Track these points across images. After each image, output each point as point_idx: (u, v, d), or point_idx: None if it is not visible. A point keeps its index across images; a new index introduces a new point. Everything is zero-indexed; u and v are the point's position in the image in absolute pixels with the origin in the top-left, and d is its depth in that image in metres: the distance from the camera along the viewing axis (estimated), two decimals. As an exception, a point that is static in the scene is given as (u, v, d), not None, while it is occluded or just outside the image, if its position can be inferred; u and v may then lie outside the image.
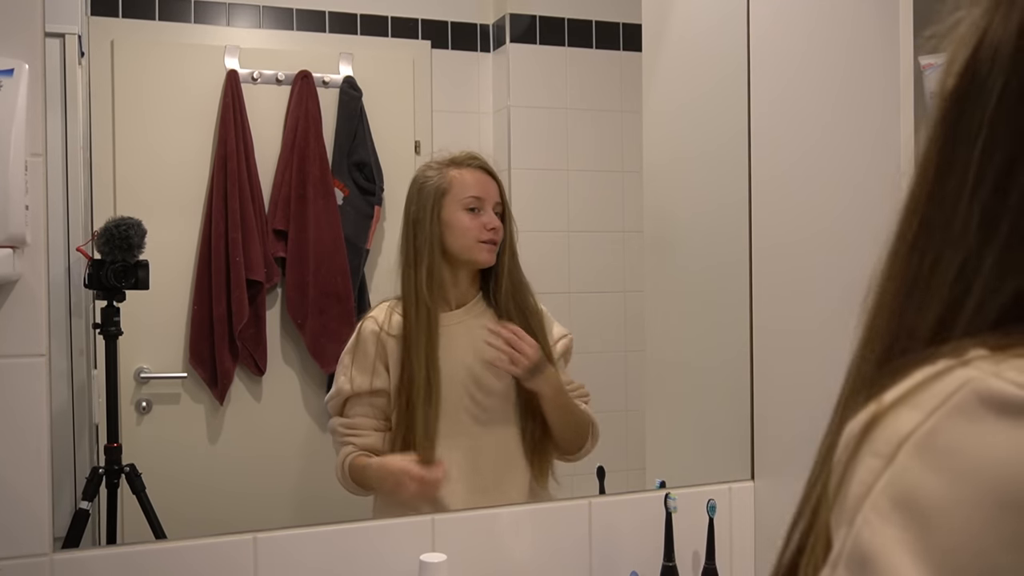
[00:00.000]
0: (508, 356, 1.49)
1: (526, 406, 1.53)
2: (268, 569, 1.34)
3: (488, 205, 1.51)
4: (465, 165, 1.53)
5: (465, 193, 1.50)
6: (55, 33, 1.29)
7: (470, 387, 1.51)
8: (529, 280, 1.56)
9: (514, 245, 1.54)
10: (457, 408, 1.49)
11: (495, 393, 1.52)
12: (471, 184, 1.51)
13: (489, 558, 1.46)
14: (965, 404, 0.44)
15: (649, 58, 1.70)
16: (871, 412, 0.48)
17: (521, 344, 1.49)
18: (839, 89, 1.44)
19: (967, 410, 0.44)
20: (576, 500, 1.54)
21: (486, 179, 1.53)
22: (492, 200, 1.52)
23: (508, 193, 1.57)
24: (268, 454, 1.50)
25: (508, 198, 1.55)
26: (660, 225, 1.72)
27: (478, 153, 1.54)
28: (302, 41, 1.52)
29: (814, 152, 1.50)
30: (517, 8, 1.65)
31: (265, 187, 1.50)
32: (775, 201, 1.61)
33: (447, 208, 1.50)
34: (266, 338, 1.51)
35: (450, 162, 1.52)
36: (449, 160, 1.53)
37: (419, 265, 1.48)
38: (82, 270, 1.34)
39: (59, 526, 1.27)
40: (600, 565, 1.52)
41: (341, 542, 1.38)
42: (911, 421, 0.45)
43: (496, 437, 1.52)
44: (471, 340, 1.51)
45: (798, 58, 1.54)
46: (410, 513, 1.45)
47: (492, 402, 1.52)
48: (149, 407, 1.44)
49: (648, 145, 1.70)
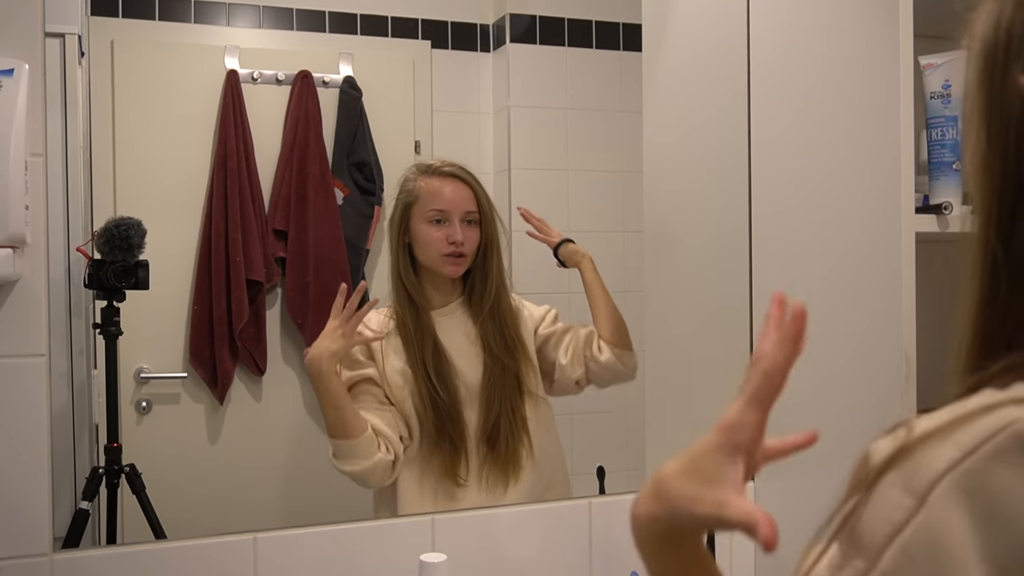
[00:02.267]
0: (542, 235, 1.61)
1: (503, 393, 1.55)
2: (268, 569, 1.34)
3: (455, 216, 1.51)
4: (436, 174, 1.53)
5: (429, 205, 1.51)
6: (55, 33, 1.28)
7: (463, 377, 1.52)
8: (529, 280, 1.56)
9: (494, 250, 1.54)
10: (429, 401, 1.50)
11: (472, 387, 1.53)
12: (436, 196, 1.51)
13: (489, 558, 1.46)
14: (1007, 448, 0.41)
15: (649, 58, 1.70)
16: (901, 440, 0.45)
17: (547, 229, 1.61)
18: (839, 89, 1.44)
19: (1008, 454, 0.41)
20: (576, 500, 1.54)
21: (457, 188, 1.52)
22: (461, 210, 1.51)
23: (508, 193, 1.57)
24: (268, 454, 1.51)
25: (488, 203, 1.54)
26: (660, 225, 1.72)
27: (455, 161, 1.54)
28: (302, 41, 1.52)
29: (814, 152, 1.50)
30: (517, 8, 1.65)
31: (265, 187, 1.50)
32: (775, 201, 1.61)
33: (414, 220, 1.52)
34: (266, 338, 1.51)
35: (425, 170, 1.53)
36: (425, 168, 1.53)
37: (394, 269, 1.52)
38: (82, 270, 1.34)
39: (59, 526, 1.27)
40: (600, 565, 1.52)
41: (341, 542, 1.38)
42: (946, 458, 0.43)
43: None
44: (447, 339, 1.53)
45: (798, 58, 1.54)
46: (410, 513, 1.45)
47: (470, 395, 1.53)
48: (149, 407, 1.44)
49: (648, 145, 1.70)
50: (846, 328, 1.42)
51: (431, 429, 1.48)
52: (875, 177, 1.36)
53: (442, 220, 1.51)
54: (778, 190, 1.60)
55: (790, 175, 1.57)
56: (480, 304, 1.55)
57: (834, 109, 1.45)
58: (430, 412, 1.47)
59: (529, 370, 1.56)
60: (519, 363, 1.55)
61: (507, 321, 1.55)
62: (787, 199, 1.58)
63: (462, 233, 1.51)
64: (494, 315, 1.54)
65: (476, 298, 1.55)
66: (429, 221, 1.51)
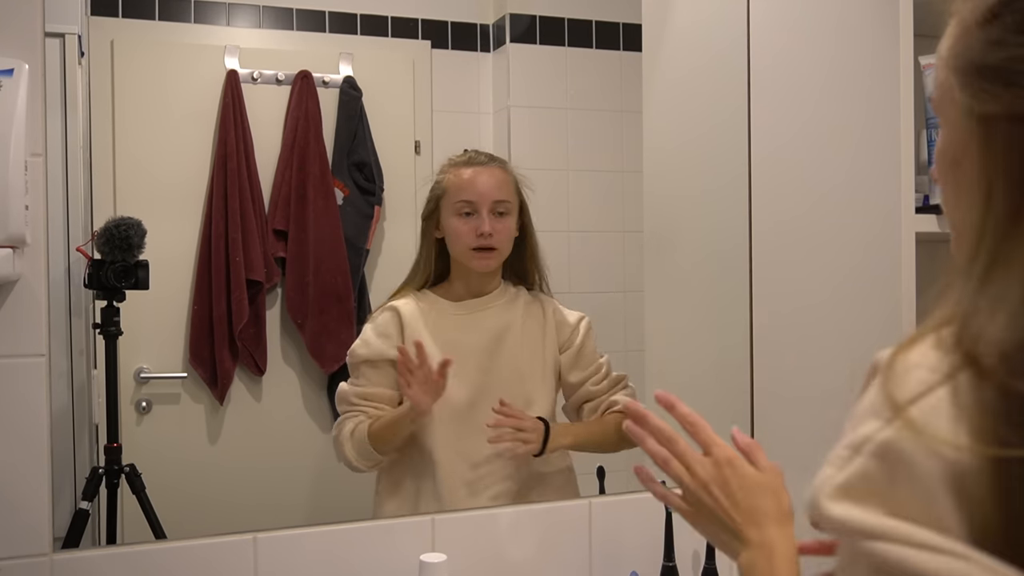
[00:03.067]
0: (516, 442, 1.50)
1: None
2: (268, 569, 1.34)
3: (483, 208, 1.50)
4: (464, 164, 1.52)
5: (457, 197, 1.50)
6: (55, 33, 1.28)
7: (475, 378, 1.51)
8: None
9: (529, 238, 1.56)
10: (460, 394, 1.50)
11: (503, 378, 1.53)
12: (464, 187, 1.50)
13: (489, 558, 1.46)
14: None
15: (649, 58, 1.70)
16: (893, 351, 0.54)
17: (520, 423, 1.50)
18: (839, 88, 1.44)
19: None
20: (576, 500, 1.54)
21: (486, 177, 1.52)
22: (490, 200, 1.50)
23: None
24: (268, 454, 1.50)
25: (526, 192, 1.55)
26: (660, 225, 1.72)
27: (485, 152, 1.54)
28: (302, 41, 1.52)
29: (814, 151, 1.50)
30: (517, 8, 1.65)
31: (265, 187, 1.50)
32: (775, 201, 1.61)
33: (443, 213, 1.51)
34: (266, 338, 1.51)
35: (455, 162, 1.53)
36: (455, 161, 1.53)
37: (422, 264, 1.52)
38: (82, 270, 1.34)
39: (59, 526, 1.27)
40: (600, 565, 1.52)
41: (341, 542, 1.38)
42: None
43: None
44: (482, 325, 1.53)
45: (798, 58, 1.54)
46: (410, 513, 1.45)
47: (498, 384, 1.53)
48: (149, 407, 1.44)
49: (648, 145, 1.70)
50: (846, 327, 1.42)
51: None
52: (875, 177, 1.36)
53: (470, 212, 1.50)
54: (778, 190, 1.60)
55: (790, 175, 1.57)
56: (513, 302, 1.54)
57: (834, 108, 1.45)
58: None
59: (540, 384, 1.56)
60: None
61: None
62: (787, 199, 1.58)
63: (491, 224, 1.49)
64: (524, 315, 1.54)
65: (510, 295, 1.55)
66: (458, 214, 1.50)
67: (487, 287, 1.55)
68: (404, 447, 1.49)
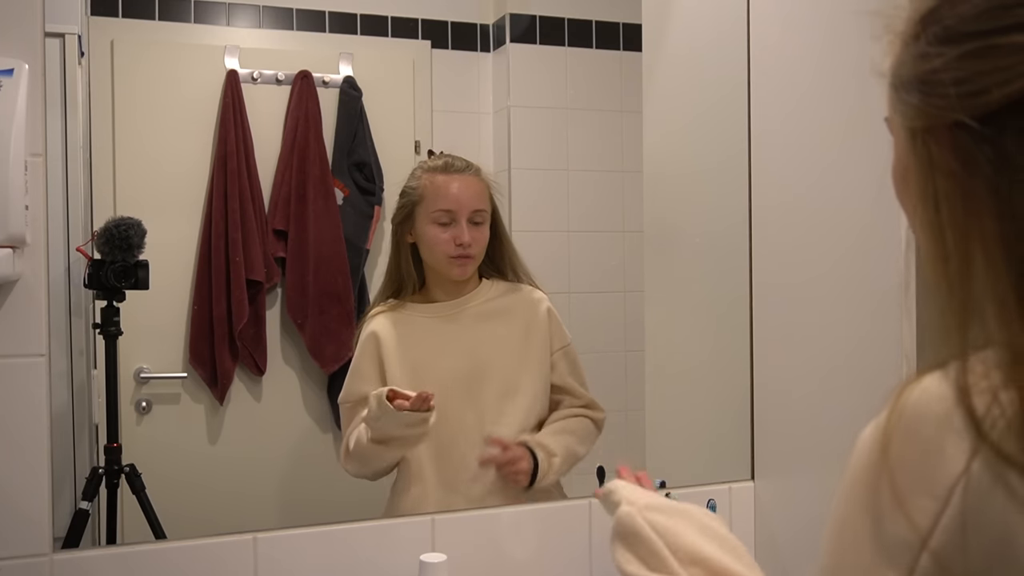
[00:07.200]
0: (511, 475, 1.50)
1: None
2: (268, 569, 1.34)
3: (462, 216, 1.50)
4: (440, 171, 1.52)
5: (435, 206, 1.50)
6: (55, 33, 1.28)
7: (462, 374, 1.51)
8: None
9: (504, 243, 1.55)
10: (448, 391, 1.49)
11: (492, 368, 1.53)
12: (442, 195, 1.50)
13: (489, 558, 1.46)
14: None
15: (649, 58, 1.70)
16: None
17: (514, 457, 1.50)
18: (838, 88, 1.44)
19: None
20: (576, 500, 1.54)
21: (464, 185, 1.51)
22: (468, 209, 1.50)
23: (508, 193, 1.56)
24: (268, 454, 1.50)
25: (498, 199, 1.54)
26: (660, 225, 1.72)
27: (460, 157, 1.53)
28: (302, 41, 1.52)
29: (814, 151, 1.50)
30: (517, 8, 1.65)
31: (265, 187, 1.50)
32: (775, 201, 1.61)
33: (419, 219, 1.51)
34: (266, 338, 1.51)
35: (430, 168, 1.52)
36: (430, 167, 1.52)
37: (394, 267, 1.52)
38: (82, 270, 1.34)
39: (59, 526, 1.27)
40: (600, 565, 1.52)
41: (341, 542, 1.38)
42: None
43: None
44: (463, 327, 1.53)
45: (798, 57, 1.54)
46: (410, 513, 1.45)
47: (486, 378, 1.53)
48: (149, 407, 1.44)
49: (648, 145, 1.70)
50: (846, 327, 1.42)
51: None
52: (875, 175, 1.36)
53: (447, 222, 1.50)
54: (778, 189, 1.60)
55: (790, 174, 1.57)
56: (488, 305, 1.54)
57: (833, 108, 1.45)
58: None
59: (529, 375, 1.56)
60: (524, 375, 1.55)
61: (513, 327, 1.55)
62: (787, 198, 1.58)
63: (469, 234, 1.50)
64: (502, 317, 1.54)
65: (485, 298, 1.55)
66: (436, 222, 1.50)
67: (464, 288, 1.55)
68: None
